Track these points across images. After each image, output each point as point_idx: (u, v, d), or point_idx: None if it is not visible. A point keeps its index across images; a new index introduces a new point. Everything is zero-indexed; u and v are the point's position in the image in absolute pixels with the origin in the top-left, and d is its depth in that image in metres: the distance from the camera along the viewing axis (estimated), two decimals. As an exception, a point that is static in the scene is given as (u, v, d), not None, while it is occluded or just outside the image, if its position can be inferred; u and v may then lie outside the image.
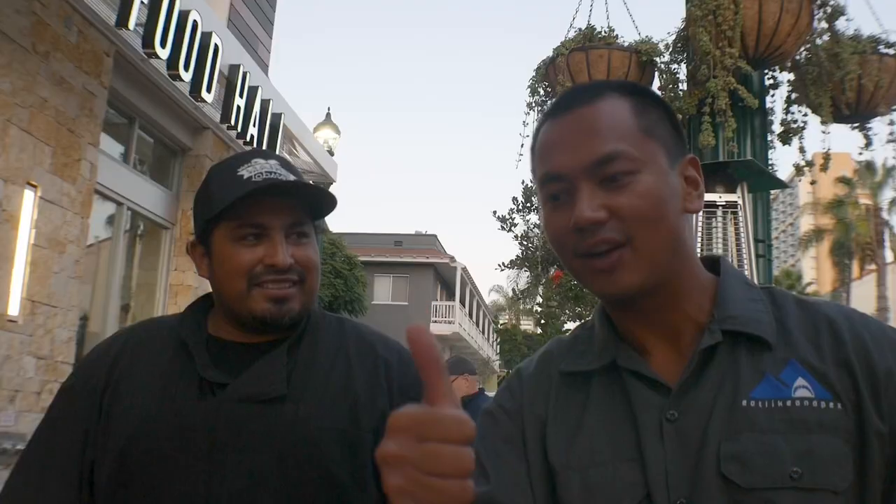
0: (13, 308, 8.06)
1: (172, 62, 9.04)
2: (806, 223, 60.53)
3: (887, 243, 50.58)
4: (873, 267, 51.60)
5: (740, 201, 3.99)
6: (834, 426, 1.17)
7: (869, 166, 47.16)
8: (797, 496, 1.15)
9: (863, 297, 53.98)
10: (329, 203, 1.83)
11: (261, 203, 1.72)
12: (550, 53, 4.68)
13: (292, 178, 1.78)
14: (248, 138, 11.26)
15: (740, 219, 3.95)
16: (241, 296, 1.74)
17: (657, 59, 4.58)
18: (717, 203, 4.00)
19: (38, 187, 8.36)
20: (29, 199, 8.25)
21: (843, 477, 1.15)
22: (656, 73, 4.64)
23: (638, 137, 1.28)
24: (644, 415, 1.29)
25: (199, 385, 1.72)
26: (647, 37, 4.63)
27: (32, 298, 8.36)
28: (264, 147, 11.67)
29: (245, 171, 1.74)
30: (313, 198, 1.81)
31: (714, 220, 3.99)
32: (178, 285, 12.13)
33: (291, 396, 1.71)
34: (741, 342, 1.26)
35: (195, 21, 9.20)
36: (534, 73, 4.84)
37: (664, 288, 1.30)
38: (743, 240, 3.93)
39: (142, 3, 8.32)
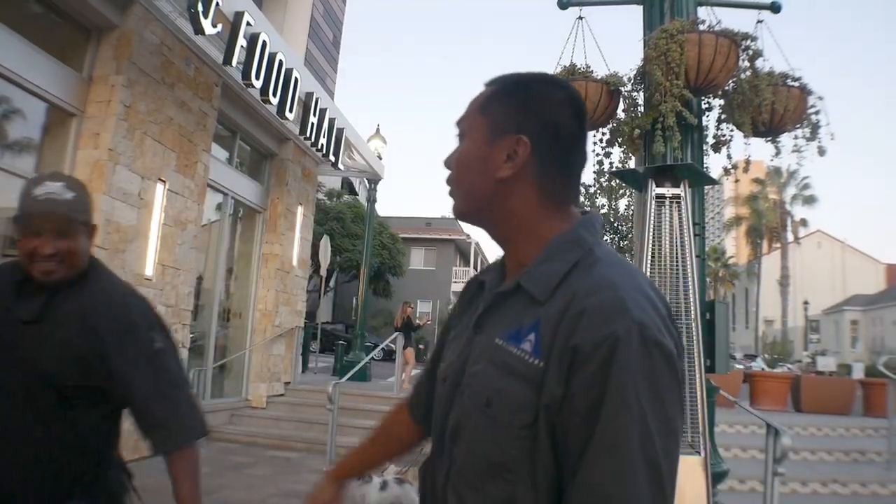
0: (149, 270, 8.15)
1: (264, 90, 9.05)
2: (729, 212, 60.18)
3: (789, 228, 50.34)
4: (778, 245, 51.43)
5: (683, 194, 3.97)
6: (530, 378, 1.09)
7: (777, 170, 47.08)
8: (483, 419, 1.14)
9: (771, 268, 53.85)
10: (84, 215, 1.95)
11: (39, 213, 1.86)
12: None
13: (69, 196, 1.90)
14: (319, 146, 11.27)
15: (683, 207, 3.94)
16: (26, 265, 1.89)
17: (622, 89, 4.55)
18: (666, 195, 3.99)
19: (166, 182, 8.41)
20: (160, 190, 8.31)
21: (520, 420, 1.09)
22: (621, 99, 4.60)
23: (474, 114, 1.28)
24: (471, 321, 1.29)
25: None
26: (614, 71, 4.59)
27: (163, 263, 8.43)
28: (331, 153, 11.72)
29: (37, 191, 1.88)
30: (74, 211, 1.91)
31: (664, 207, 3.98)
32: (268, 254, 12.20)
33: (42, 322, 1.88)
34: (525, 293, 1.18)
35: (280, 60, 9.19)
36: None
37: (489, 227, 1.30)
38: (685, 222, 3.91)
39: (241, 46, 8.33)
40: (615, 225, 10.41)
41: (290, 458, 9.26)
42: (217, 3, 7.57)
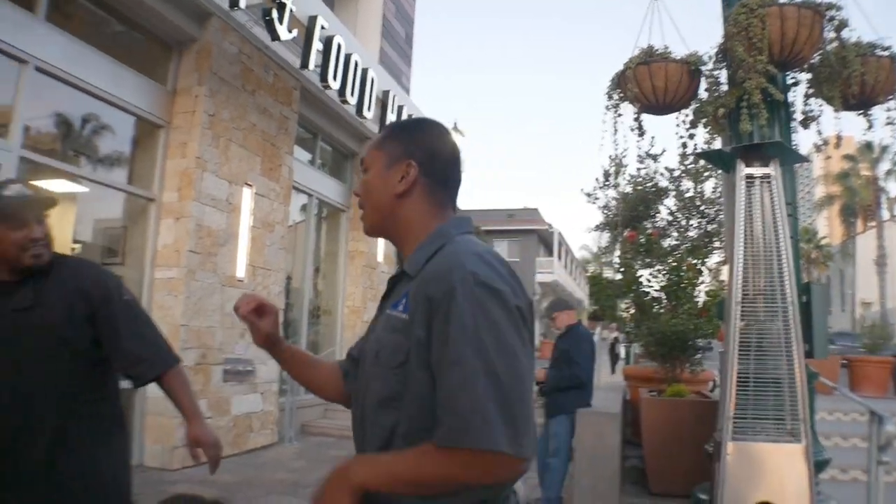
0: (240, 271, 8.35)
1: (341, 91, 9.17)
2: (820, 191, 58.01)
3: (884, 205, 48.18)
4: (874, 224, 49.31)
5: (773, 173, 3.82)
6: (402, 329, 1.43)
7: (869, 145, 45.09)
8: (375, 368, 1.48)
9: (866, 248, 51.66)
10: (55, 201, 2.42)
11: (24, 205, 2.24)
12: (621, 67, 4.56)
13: (31, 192, 2.30)
14: (398, 144, 11.34)
15: (774, 187, 3.79)
16: (15, 257, 2.23)
17: (703, 68, 4.41)
18: (755, 175, 3.84)
19: (252, 186, 8.59)
20: (247, 194, 8.49)
21: (396, 360, 1.42)
22: (702, 79, 4.46)
23: (373, 150, 1.66)
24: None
25: None
26: (694, 51, 4.46)
27: (253, 264, 8.63)
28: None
29: (8, 192, 2.24)
30: (42, 202, 2.35)
31: (753, 188, 3.84)
32: (354, 251, 12.35)
33: (37, 305, 2.24)
34: (406, 275, 1.55)
35: (356, 61, 9.28)
36: (609, 83, 4.71)
37: (390, 235, 1.67)
38: (776, 203, 3.76)
39: (317, 50, 8.43)
40: (701, 209, 10.09)
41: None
42: (291, 10, 7.68)
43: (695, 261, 7.57)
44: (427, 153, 1.63)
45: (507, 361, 1.31)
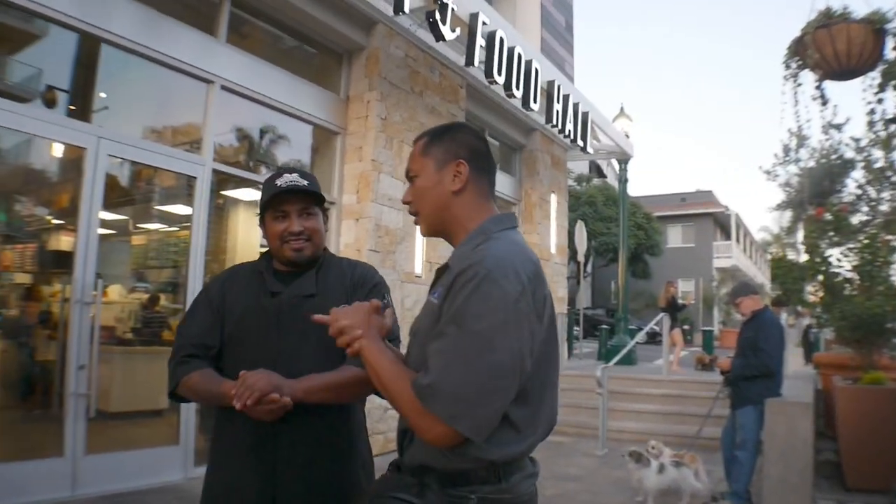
0: (417, 268, 8.61)
1: (507, 85, 9.18)
2: None
3: None
4: None
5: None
6: (434, 312, 1.64)
7: None
8: (414, 343, 1.73)
9: None
10: (320, 196, 2.37)
11: (284, 198, 2.28)
12: (798, 34, 4.31)
13: (305, 182, 2.30)
14: (566, 133, 11.24)
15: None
16: (277, 249, 2.31)
17: (888, 26, 4.08)
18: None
19: (424, 184, 8.81)
20: (420, 193, 8.72)
21: (427, 338, 1.62)
22: (889, 37, 4.12)
23: (419, 159, 1.83)
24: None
25: (269, 292, 2.28)
26: (877, 8, 4.13)
27: (429, 261, 8.85)
28: (578, 137, 11.67)
29: (279, 181, 2.29)
30: (312, 192, 2.32)
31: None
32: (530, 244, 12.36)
33: (318, 294, 2.28)
34: (449, 267, 1.70)
35: (519, 53, 9.27)
36: (786, 51, 4.46)
37: (446, 232, 1.83)
38: None
39: (480, 46, 8.50)
40: (893, 180, 9.29)
41: (562, 442, 9.33)
42: (453, 9, 7.79)
43: (889, 237, 7.02)
44: (470, 151, 1.82)
45: (480, 348, 1.52)
